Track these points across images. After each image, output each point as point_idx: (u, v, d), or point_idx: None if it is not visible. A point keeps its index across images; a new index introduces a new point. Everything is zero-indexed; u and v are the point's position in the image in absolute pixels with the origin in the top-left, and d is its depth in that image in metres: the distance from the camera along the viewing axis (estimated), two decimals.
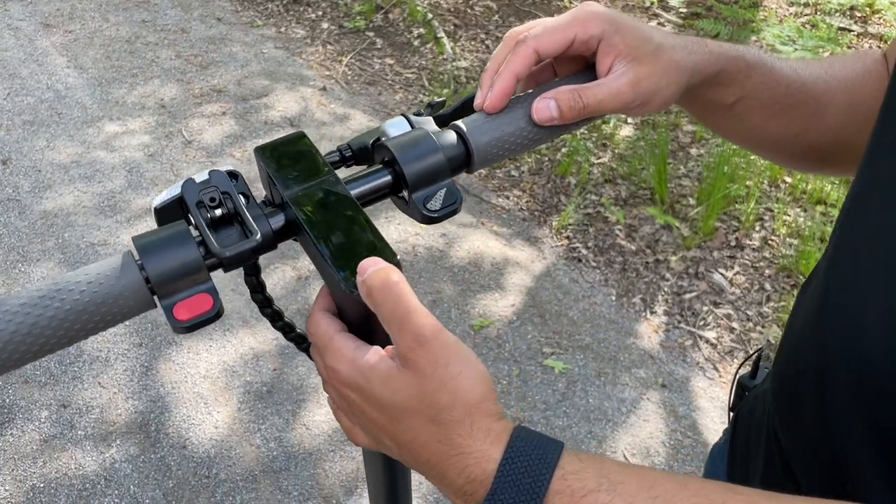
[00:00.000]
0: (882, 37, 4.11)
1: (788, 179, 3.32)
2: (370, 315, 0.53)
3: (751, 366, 1.03)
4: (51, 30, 4.35)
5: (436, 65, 4.13)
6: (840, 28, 4.19)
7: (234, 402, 2.31)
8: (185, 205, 0.59)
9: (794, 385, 0.67)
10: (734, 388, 1.03)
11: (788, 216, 3.13)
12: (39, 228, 2.91)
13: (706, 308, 2.78)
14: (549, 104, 0.66)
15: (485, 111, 0.68)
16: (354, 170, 0.73)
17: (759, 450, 0.78)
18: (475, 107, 0.69)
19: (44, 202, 3.04)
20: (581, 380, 2.43)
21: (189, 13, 4.58)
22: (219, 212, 0.58)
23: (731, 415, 1.00)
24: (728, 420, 1.01)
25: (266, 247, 0.61)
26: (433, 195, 0.64)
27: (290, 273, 2.75)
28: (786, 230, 3.10)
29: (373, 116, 3.69)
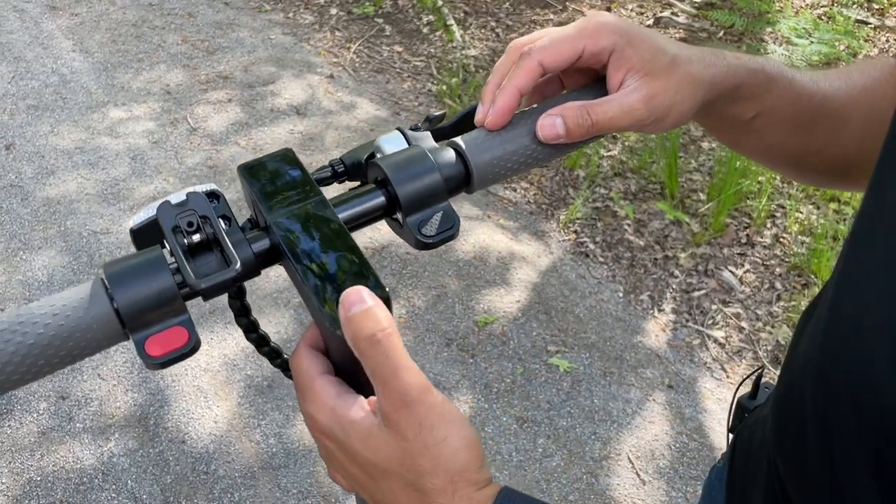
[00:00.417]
0: None
1: None
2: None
3: (751, 386, 0.99)
4: (57, 12, 4.31)
5: (445, 53, 4.07)
6: (857, 21, 4.11)
7: (235, 397, 2.28)
8: (161, 230, 0.55)
9: (796, 414, 0.63)
10: (733, 409, 0.99)
11: (801, 213, 3.08)
12: (42, 215, 2.89)
13: (715, 307, 2.74)
14: (556, 121, 0.62)
15: (486, 128, 0.63)
16: (347, 185, 0.69)
17: (758, 481, 0.75)
18: (476, 122, 0.65)
19: (47, 189, 3.01)
20: (586, 379, 2.40)
21: None
22: (197, 237, 0.54)
23: (730, 437, 0.97)
24: (727, 442, 0.98)
25: (247, 275, 0.57)
26: (429, 219, 0.60)
27: None
28: (798, 227, 3.05)
29: (380, 105, 3.64)
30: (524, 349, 2.48)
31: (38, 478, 2.06)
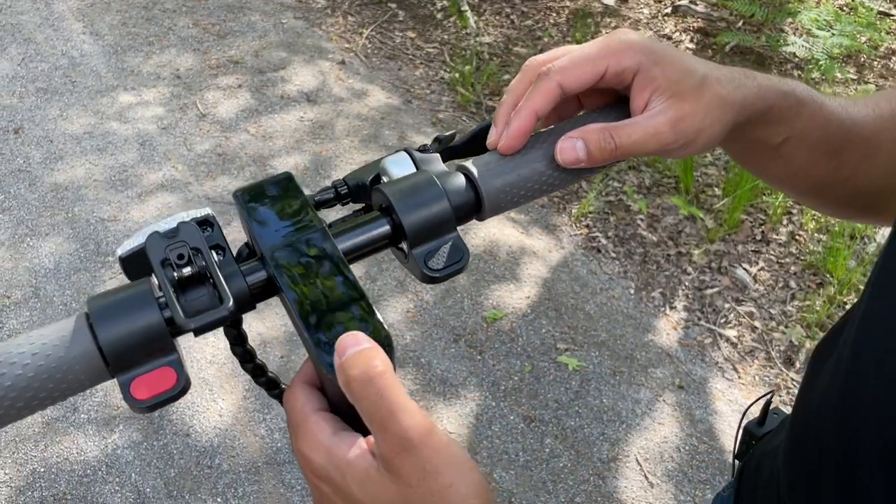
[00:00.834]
0: None
1: None
2: None
3: (759, 411, 0.96)
4: None
5: (458, 39, 4.02)
6: (880, 13, 4.02)
7: (240, 390, 2.26)
8: (149, 264, 0.52)
9: (813, 463, 0.60)
10: (740, 435, 0.96)
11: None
12: (49, 201, 2.87)
13: (728, 305, 2.70)
14: (576, 145, 0.58)
15: (499, 151, 0.60)
16: (351, 206, 0.66)
17: None
18: (488, 145, 0.61)
19: (55, 174, 2.99)
20: (595, 378, 2.37)
21: None
22: (187, 271, 0.51)
23: (737, 464, 0.93)
24: (732, 470, 0.95)
25: (241, 310, 0.54)
26: (436, 251, 0.57)
27: None
28: (814, 225, 3.00)
29: (391, 93, 3.59)
30: (533, 346, 2.44)
31: (42, 469, 2.06)
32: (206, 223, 0.55)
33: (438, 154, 0.64)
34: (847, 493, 0.54)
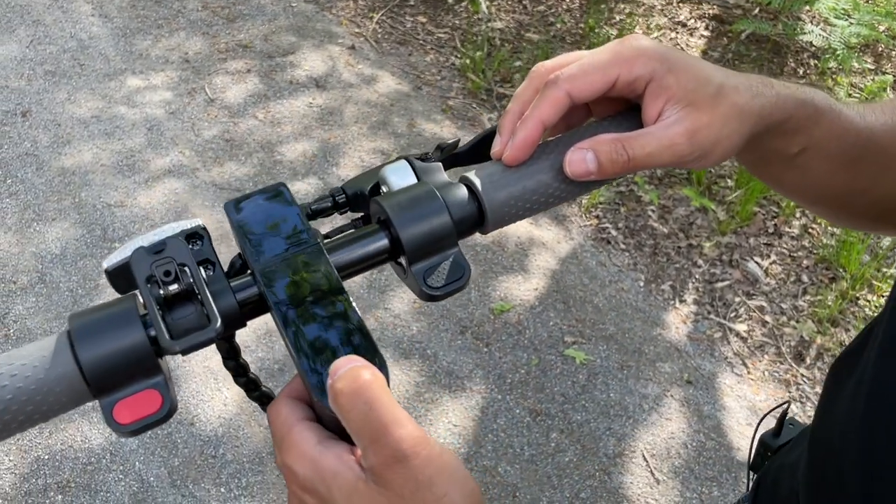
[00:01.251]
0: None
1: None
2: None
3: (775, 422, 0.94)
4: None
5: (470, 25, 3.97)
6: None
7: None
8: (134, 280, 0.49)
9: (834, 485, 0.58)
10: (755, 446, 0.94)
11: None
12: (56, 186, 2.86)
13: (738, 299, 2.66)
14: (586, 156, 0.55)
15: (504, 162, 0.57)
16: (350, 215, 0.64)
17: None
18: (493, 155, 0.58)
19: (62, 158, 2.98)
20: (602, 372, 2.34)
21: None
22: (174, 288, 0.49)
23: (752, 476, 0.91)
24: (747, 481, 0.93)
25: (231, 328, 0.52)
26: (436, 267, 0.54)
27: None
28: (825, 219, 2.95)
29: (401, 79, 3.56)
30: (540, 339, 2.42)
31: (46, 456, 2.05)
32: (196, 236, 0.53)
33: (440, 163, 0.61)
34: None
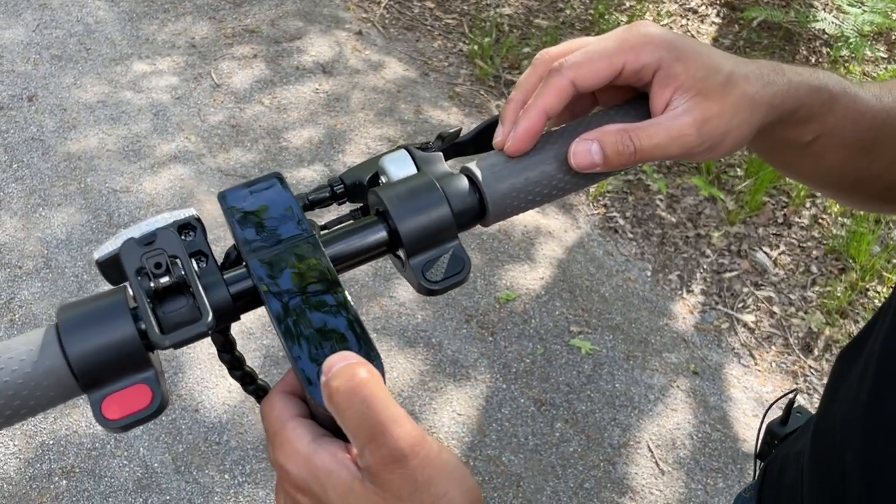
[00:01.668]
0: None
1: None
2: None
3: (782, 410, 0.93)
4: None
5: (478, 10, 3.94)
6: None
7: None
8: (122, 272, 0.48)
9: (837, 474, 0.58)
10: (762, 434, 0.93)
11: None
12: (62, 171, 2.85)
13: (746, 289, 2.64)
14: (591, 147, 0.53)
15: (506, 153, 0.56)
16: (349, 205, 0.62)
17: None
18: (495, 145, 0.57)
19: (68, 143, 2.97)
20: (608, 362, 2.33)
21: None
22: (164, 281, 0.48)
23: (759, 464, 0.91)
24: (753, 470, 0.92)
25: (224, 321, 0.50)
26: (435, 261, 0.53)
27: None
28: (838, 209, 2.93)
29: (409, 65, 3.53)
30: (546, 329, 2.41)
31: (51, 441, 2.06)
32: (189, 227, 0.52)
33: (441, 153, 0.60)
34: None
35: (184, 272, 0.48)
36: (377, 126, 3.14)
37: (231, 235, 0.54)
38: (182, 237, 0.51)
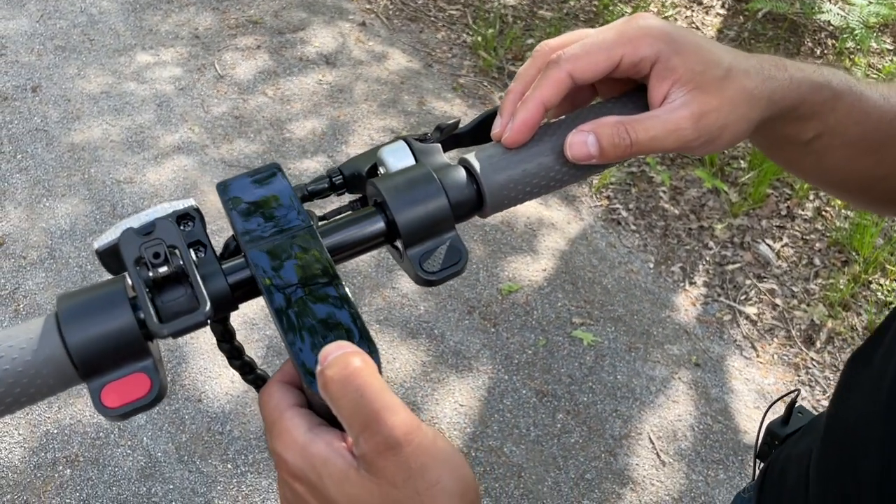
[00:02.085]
0: None
1: None
2: None
3: (784, 410, 0.93)
4: None
5: (482, 1, 3.93)
6: None
7: (252, 357, 2.25)
8: (122, 262, 0.49)
9: (849, 481, 0.57)
10: (762, 434, 0.93)
11: None
12: (66, 162, 2.86)
13: (749, 281, 2.64)
14: (588, 139, 0.54)
15: (503, 144, 0.56)
16: (347, 196, 0.63)
17: None
18: (493, 136, 0.57)
19: (72, 134, 2.97)
20: (610, 354, 2.33)
21: None
22: (163, 270, 0.48)
23: (759, 464, 0.91)
24: (753, 469, 0.92)
25: (222, 311, 0.51)
26: (432, 252, 0.53)
27: None
28: (842, 201, 2.92)
29: (412, 56, 3.53)
30: (548, 320, 2.41)
31: (55, 430, 2.07)
32: (188, 217, 0.52)
33: (440, 144, 0.60)
34: None
35: (182, 262, 0.48)
36: (380, 117, 3.14)
37: (230, 225, 0.55)
38: (181, 227, 0.51)
